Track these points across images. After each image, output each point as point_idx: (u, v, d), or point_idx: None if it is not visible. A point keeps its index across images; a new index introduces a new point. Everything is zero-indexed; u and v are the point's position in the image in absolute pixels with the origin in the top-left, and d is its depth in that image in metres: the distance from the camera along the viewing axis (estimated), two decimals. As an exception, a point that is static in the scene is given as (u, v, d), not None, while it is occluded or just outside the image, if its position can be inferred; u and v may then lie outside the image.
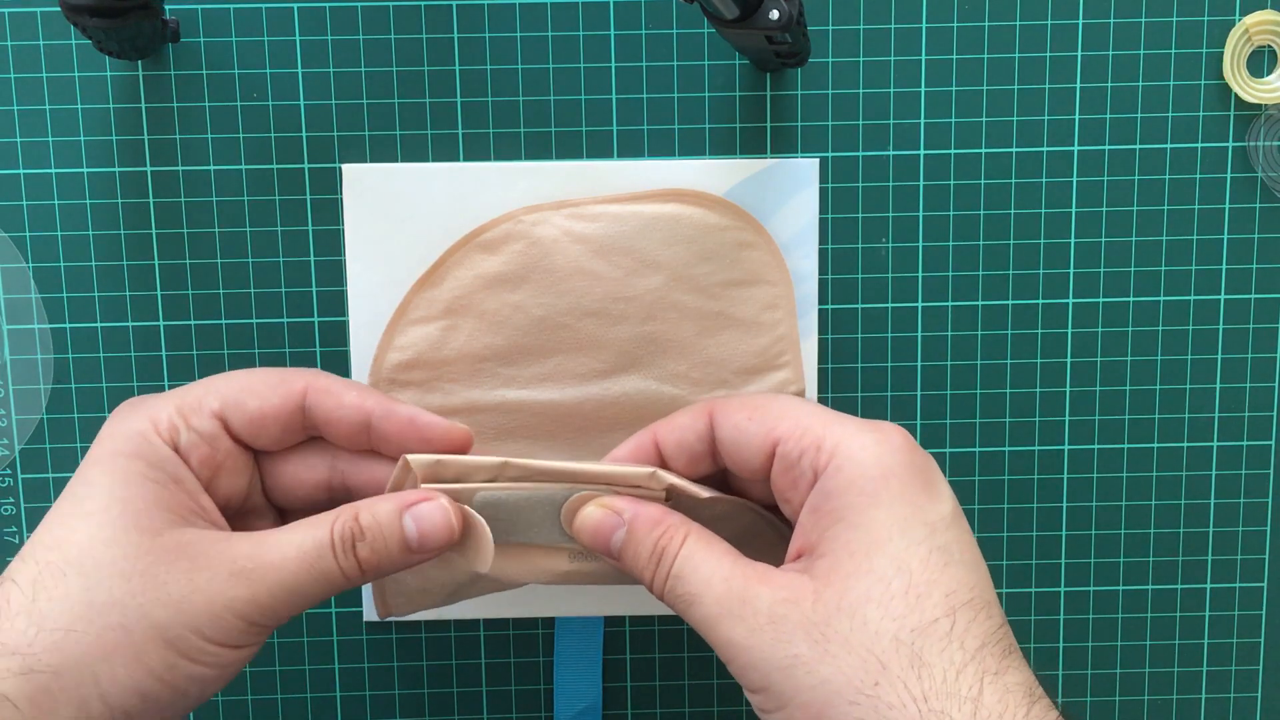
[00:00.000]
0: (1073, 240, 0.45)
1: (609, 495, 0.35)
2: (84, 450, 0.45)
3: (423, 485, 0.35)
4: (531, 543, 0.36)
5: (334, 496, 0.37)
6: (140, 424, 0.34)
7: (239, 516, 0.36)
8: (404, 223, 0.43)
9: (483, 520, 0.34)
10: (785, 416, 0.34)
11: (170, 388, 0.44)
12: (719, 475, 0.37)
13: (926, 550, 0.30)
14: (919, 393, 0.45)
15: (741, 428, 0.34)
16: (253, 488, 0.37)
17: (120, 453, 0.33)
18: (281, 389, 0.35)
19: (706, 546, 0.33)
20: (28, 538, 0.33)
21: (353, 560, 0.33)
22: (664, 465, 0.36)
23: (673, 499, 0.35)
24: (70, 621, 0.31)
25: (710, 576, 0.32)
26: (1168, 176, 0.45)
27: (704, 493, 0.35)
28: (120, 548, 0.32)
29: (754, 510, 0.36)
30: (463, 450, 0.36)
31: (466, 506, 0.35)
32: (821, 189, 0.44)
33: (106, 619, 0.31)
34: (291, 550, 0.33)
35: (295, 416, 0.36)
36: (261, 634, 0.33)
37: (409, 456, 0.35)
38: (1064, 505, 0.46)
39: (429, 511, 0.34)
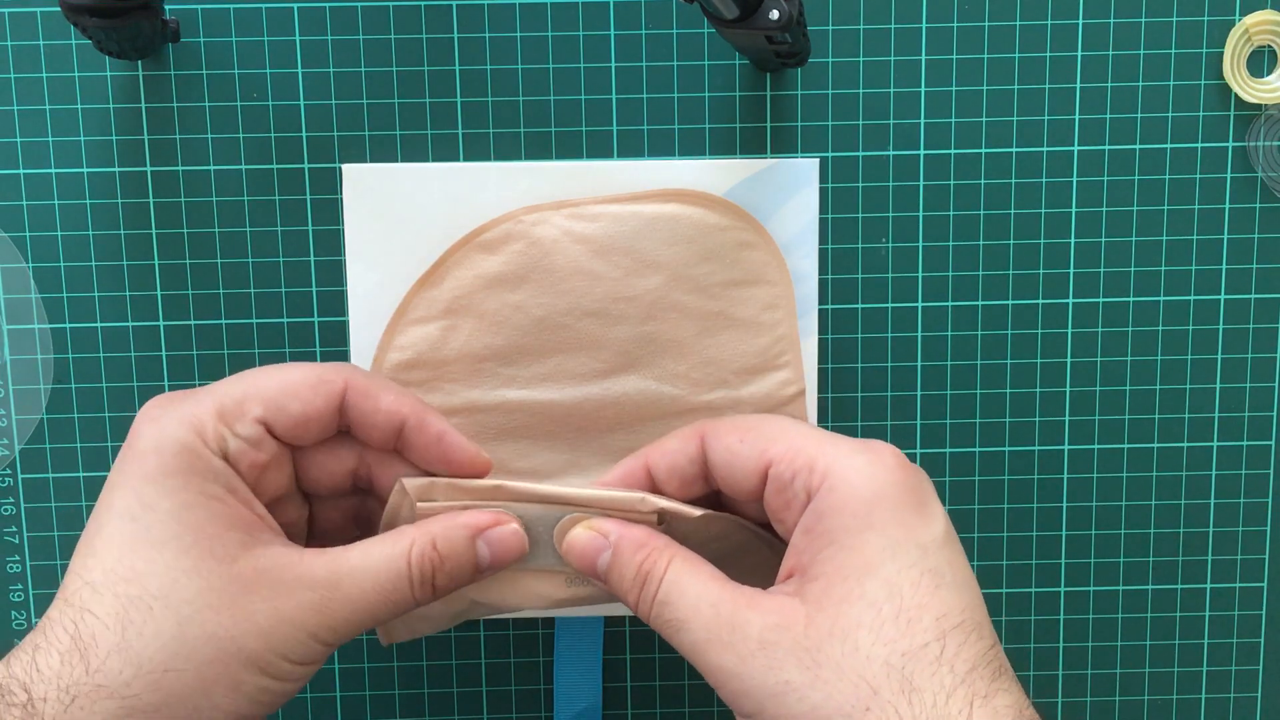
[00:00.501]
0: (1073, 240, 0.45)
1: (599, 518, 0.35)
2: (84, 451, 0.45)
3: (419, 505, 0.35)
4: (528, 567, 0.36)
5: (358, 485, 0.38)
6: (184, 434, 0.33)
7: (271, 505, 0.36)
8: (404, 223, 0.43)
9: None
10: (778, 438, 0.34)
11: (170, 388, 0.44)
12: (712, 497, 0.37)
13: (918, 573, 0.30)
14: (919, 393, 0.45)
15: (734, 450, 0.34)
16: (290, 481, 0.37)
17: (175, 470, 0.33)
18: (323, 390, 0.35)
19: (692, 570, 0.33)
20: (73, 557, 0.33)
21: (429, 590, 0.34)
22: (656, 490, 0.36)
23: (665, 523, 0.35)
24: (167, 659, 0.31)
25: (698, 602, 0.32)
26: (1168, 176, 0.45)
27: (695, 512, 0.35)
28: (203, 578, 0.32)
29: (747, 528, 0.36)
30: (479, 476, 0.36)
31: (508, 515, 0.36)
32: (821, 189, 0.44)
33: (203, 654, 0.31)
34: (369, 582, 0.33)
35: (334, 417, 0.36)
36: (335, 649, 0.34)
37: (404, 480, 0.35)
38: (1064, 505, 0.46)
39: (503, 536, 0.35)
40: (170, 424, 0.34)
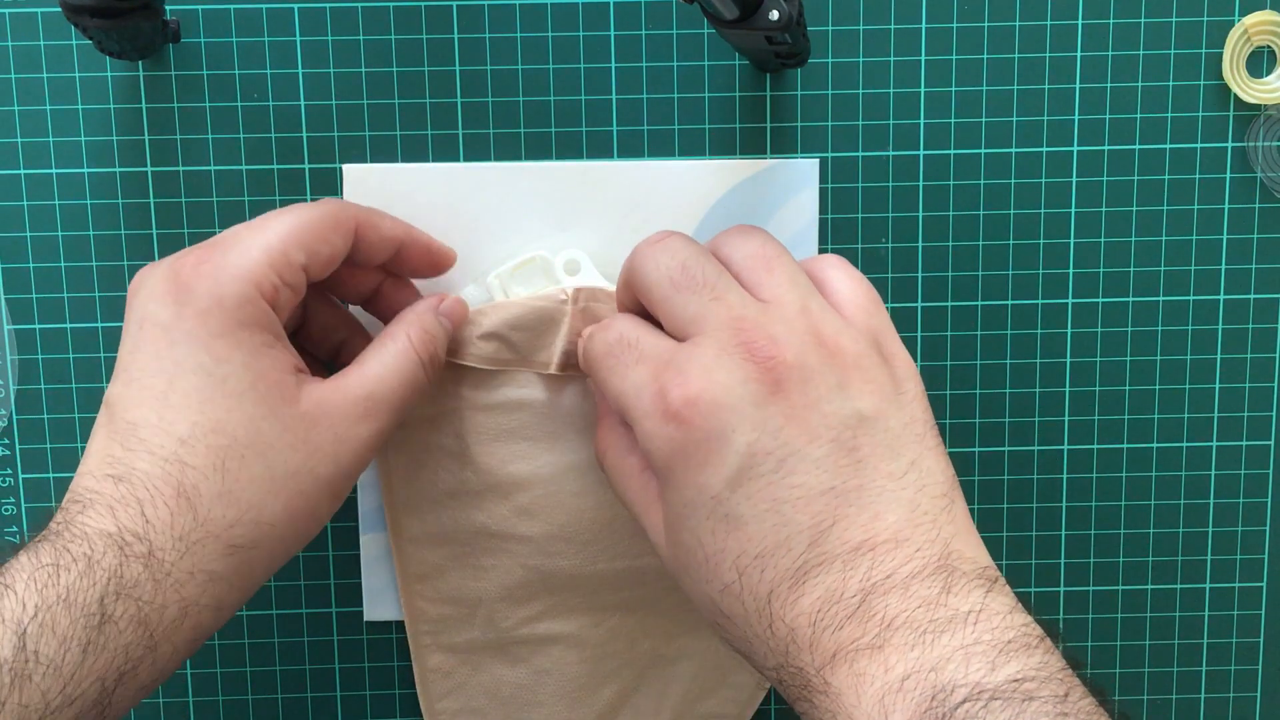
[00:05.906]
0: (1072, 240, 0.45)
1: None
2: (83, 449, 0.45)
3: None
4: None
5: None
6: (245, 289, 0.35)
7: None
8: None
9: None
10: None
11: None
12: None
13: (712, 524, 0.33)
14: (919, 393, 0.45)
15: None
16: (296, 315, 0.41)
17: (241, 323, 0.35)
18: (344, 229, 0.38)
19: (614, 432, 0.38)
20: (135, 412, 0.35)
21: (435, 367, 0.39)
22: None
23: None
24: (261, 500, 0.34)
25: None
26: (1167, 177, 0.45)
27: None
28: (280, 421, 0.35)
29: None
30: (449, 266, 0.42)
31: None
32: (821, 189, 0.44)
33: (290, 490, 0.35)
34: (395, 380, 0.37)
35: (348, 250, 0.39)
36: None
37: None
38: (1064, 505, 0.46)
39: (451, 304, 0.41)
40: (227, 279, 0.35)
